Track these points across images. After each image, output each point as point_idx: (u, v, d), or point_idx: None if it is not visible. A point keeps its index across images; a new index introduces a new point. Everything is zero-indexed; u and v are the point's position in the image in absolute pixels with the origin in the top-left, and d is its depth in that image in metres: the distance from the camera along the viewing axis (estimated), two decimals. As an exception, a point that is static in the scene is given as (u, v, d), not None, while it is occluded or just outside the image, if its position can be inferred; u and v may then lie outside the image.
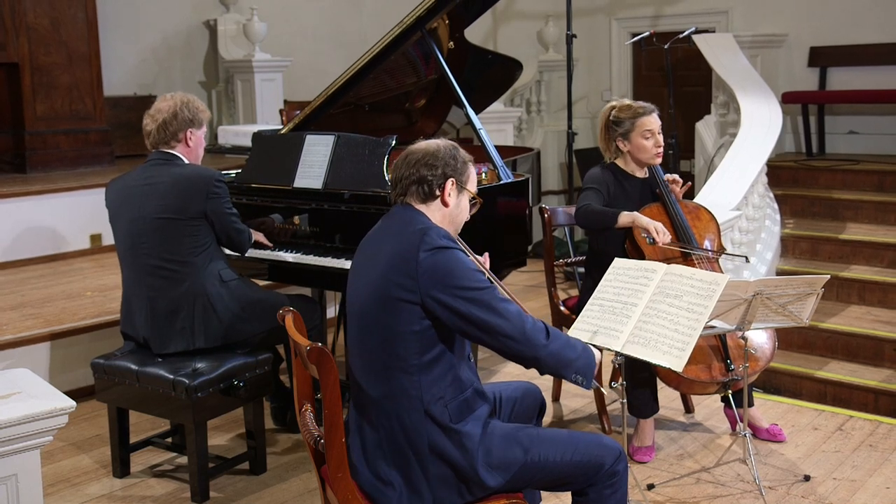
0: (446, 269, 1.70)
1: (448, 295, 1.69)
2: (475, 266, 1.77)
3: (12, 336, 3.34)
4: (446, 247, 1.73)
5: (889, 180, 5.49)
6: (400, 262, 1.72)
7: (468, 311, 1.70)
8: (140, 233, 2.67)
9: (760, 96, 5.43)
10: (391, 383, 1.75)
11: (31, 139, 5.23)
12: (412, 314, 1.71)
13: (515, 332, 1.73)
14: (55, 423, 1.93)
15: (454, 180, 1.84)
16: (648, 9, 7.30)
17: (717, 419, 3.15)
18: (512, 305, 1.76)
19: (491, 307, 1.72)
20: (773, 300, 2.39)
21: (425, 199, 1.83)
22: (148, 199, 2.66)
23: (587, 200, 2.82)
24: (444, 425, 1.74)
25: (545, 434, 1.86)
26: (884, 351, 4.46)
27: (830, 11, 6.30)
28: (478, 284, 1.72)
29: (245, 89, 6.23)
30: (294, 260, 3.00)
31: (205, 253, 2.70)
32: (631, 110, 2.87)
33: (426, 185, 1.81)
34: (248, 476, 2.79)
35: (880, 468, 2.76)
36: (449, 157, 1.84)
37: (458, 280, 1.70)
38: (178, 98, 2.77)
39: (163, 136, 2.74)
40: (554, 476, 1.82)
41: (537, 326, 1.78)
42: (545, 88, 7.48)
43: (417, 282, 1.69)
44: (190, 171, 2.71)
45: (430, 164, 1.82)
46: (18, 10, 5.08)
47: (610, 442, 1.89)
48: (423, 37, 3.16)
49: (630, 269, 2.29)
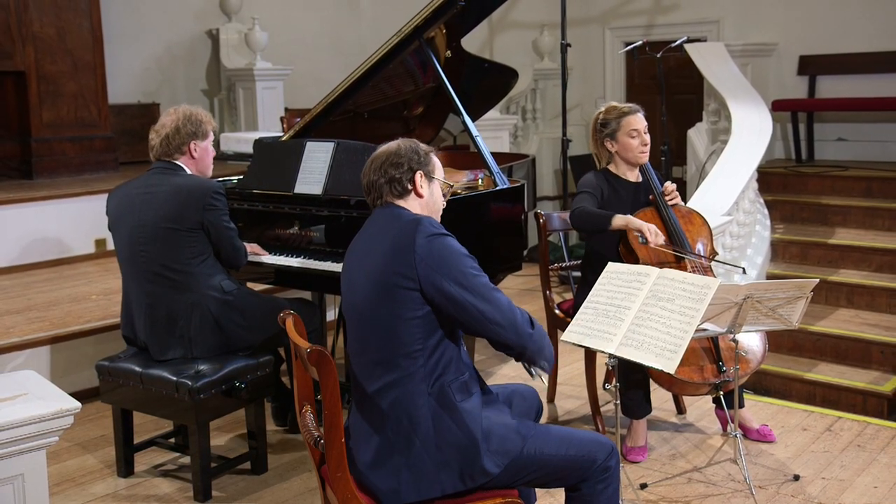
0: (441, 255, 1.76)
1: (444, 280, 1.75)
2: (468, 252, 1.83)
3: (19, 338, 3.36)
4: (441, 233, 1.79)
5: (876, 186, 5.55)
6: (398, 252, 1.77)
7: (462, 297, 1.75)
8: (140, 240, 2.68)
9: (751, 104, 5.47)
10: (396, 371, 1.78)
11: (38, 146, 5.28)
12: (413, 300, 1.76)
13: (505, 321, 1.78)
14: (61, 424, 1.95)
15: (421, 172, 1.90)
16: (641, 19, 7.37)
17: (708, 420, 3.17)
18: (503, 296, 1.81)
19: (483, 295, 1.77)
20: (764, 303, 2.40)
21: (401, 195, 1.89)
22: (148, 207, 2.67)
23: (580, 203, 2.85)
24: (448, 404, 1.78)
25: (542, 428, 1.90)
26: (871, 353, 4.51)
27: (819, 21, 6.37)
28: (472, 271, 1.78)
29: (247, 97, 6.26)
30: (296, 264, 3.02)
31: (205, 263, 2.70)
32: (617, 111, 2.93)
33: (397, 183, 1.88)
34: (249, 475, 2.80)
35: (868, 468, 2.78)
36: (411, 152, 1.91)
37: (453, 266, 1.76)
38: (181, 112, 2.77)
39: (166, 149, 2.75)
40: (548, 469, 1.85)
41: (524, 317, 1.83)
42: (540, 96, 7.53)
43: (416, 269, 1.75)
44: (190, 182, 2.71)
45: (395, 164, 1.89)
46: (25, 20, 5.13)
47: (603, 438, 1.93)
48: (421, 46, 3.17)
49: (623, 274, 2.31)
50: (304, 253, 3.07)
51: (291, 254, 3.09)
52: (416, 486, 1.77)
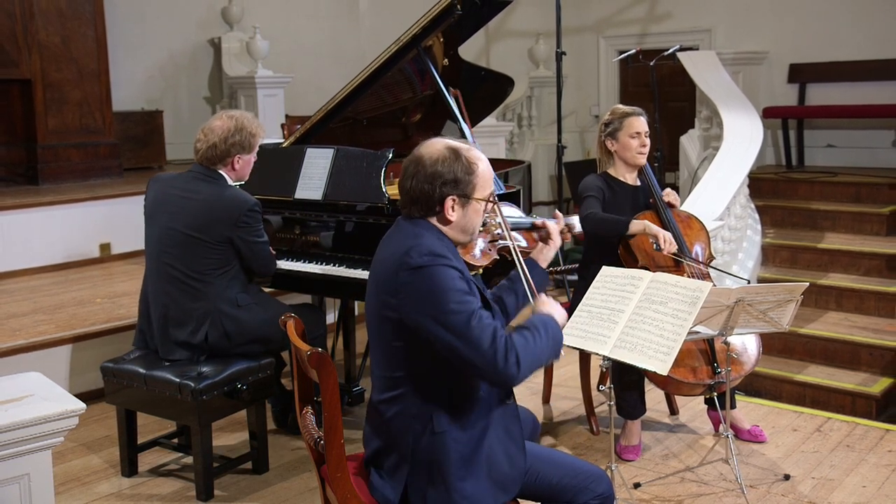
0: (421, 290, 1.65)
1: (421, 316, 1.65)
2: (456, 286, 1.67)
3: (25, 341, 3.38)
4: (426, 265, 1.66)
5: (865, 192, 5.59)
6: (386, 281, 1.71)
7: (438, 334, 1.65)
8: (168, 242, 2.70)
9: (742, 111, 5.52)
10: (393, 389, 1.76)
11: (44, 152, 5.32)
12: (401, 329, 1.70)
13: (483, 363, 1.64)
14: (66, 425, 1.95)
15: (455, 197, 1.74)
16: (635, 27, 7.43)
17: (700, 421, 3.19)
18: (487, 331, 1.64)
19: (461, 334, 1.63)
20: (755, 307, 2.42)
21: (426, 215, 1.77)
22: (182, 211, 2.67)
23: (591, 208, 2.86)
24: (431, 431, 1.73)
25: (544, 453, 1.90)
26: (860, 355, 4.54)
27: (809, 30, 6.44)
28: (452, 307, 1.64)
29: (248, 104, 6.29)
30: (296, 269, 3.06)
31: (225, 275, 2.70)
32: (620, 111, 3.00)
33: (425, 202, 1.74)
34: (251, 475, 2.82)
35: (857, 468, 2.81)
36: (448, 172, 1.73)
37: (432, 303, 1.65)
38: (234, 122, 2.67)
39: (210, 156, 2.69)
40: (545, 490, 1.82)
41: (510, 359, 1.65)
42: (536, 103, 7.56)
43: (399, 300, 1.68)
44: (227, 196, 2.67)
45: (429, 181, 1.73)
46: (31, 29, 5.18)
47: (602, 473, 1.88)
48: (419, 54, 3.20)
49: (617, 277, 2.33)
50: (304, 257, 3.11)
51: (291, 258, 3.13)
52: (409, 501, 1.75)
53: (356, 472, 1.87)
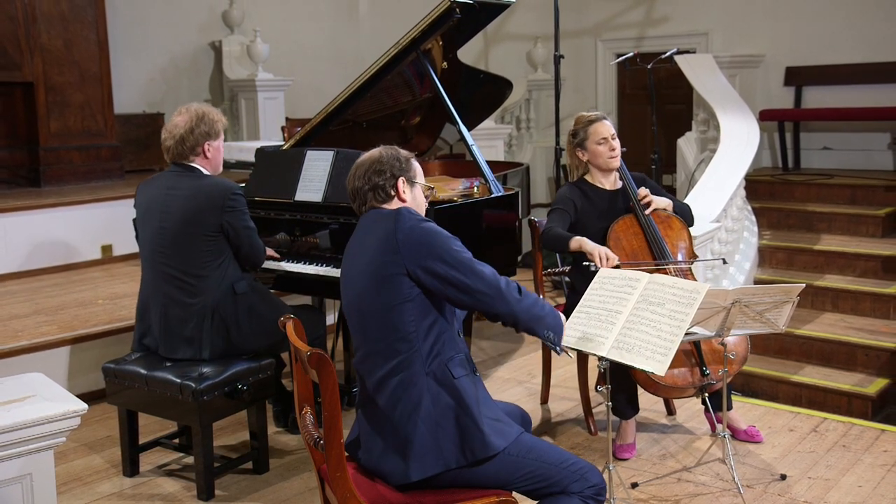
0: (422, 238, 1.86)
1: (428, 260, 1.84)
2: (450, 236, 1.91)
3: (27, 342, 3.39)
4: (419, 223, 1.88)
5: (861, 194, 5.62)
6: (383, 243, 1.87)
7: (447, 273, 1.85)
8: (161, 242, 2.71)
9: (739, 114, 5.54)
10: (394, 357, 1.86)
11: (46, 155, 5.35)
12: (402, 285, 1.85)
13: (492, 290, 1.87)
14: (68, 425, 1.97)
15: (403, 178, 1.99)
16: (632, 31, 7.47)
17: (697, 421, 3.20)
18: (487, 267, 1.90)
19: (468, 269, 1.86)
20: (751, 308, 2.42)
21: (384, 201, 1.98)
22: (169, 209, 2.70)
23: (551, 223, 2.94)
24: (445, 380, 1.87)
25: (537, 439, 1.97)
26: (856, 356, 4.55)
27: (805, 33, 6.48)
28: (454, 248, 1.87)
29: (248, 107, 6.34)
30: (297, 270, 3.08)
31: (220, 266, 2.72)
32: (584, 120, 3.00)
33: (380, 189, 1.97)
34: (251, 475, 2.83)
35: (853, 468, 2.82)
36: (393, 159, 1.99)
37: (436, 246, 1.86)
38: (192, 112, 2.74)
39: (181, 150, 2.73)
40: (542, 472, 1.87)
41: (511, 285, 1.91)
42: (534, 106, 7.59)
43: (401, 255, 1.84)
44: (208, 183, 2.71)
45: (378, 171, 1.97)
46: (33, 33, 5.21)
47: (595, 470, 1.93)
48: (418, 57, 3.22)
49: (615, 279, 2.34)
50: (304, 258, 3.13)
51: (292, 259, 3.15)
52: (420, 463, 1.82)
53: (356, 472, 1.89)
